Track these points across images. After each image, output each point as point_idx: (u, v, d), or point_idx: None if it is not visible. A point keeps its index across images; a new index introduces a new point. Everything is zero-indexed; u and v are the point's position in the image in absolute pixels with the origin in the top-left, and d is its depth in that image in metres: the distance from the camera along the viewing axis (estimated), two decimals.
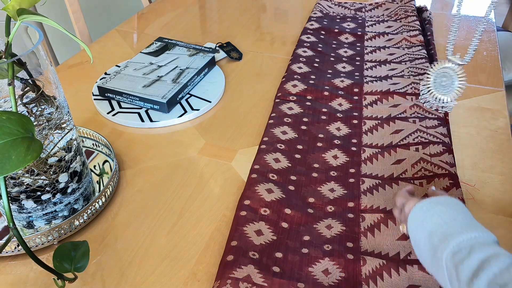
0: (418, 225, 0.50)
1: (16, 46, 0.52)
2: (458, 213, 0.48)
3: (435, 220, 0.48)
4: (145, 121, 0.83)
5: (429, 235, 0.48)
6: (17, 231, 0.47)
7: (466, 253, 0.43)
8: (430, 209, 0.50)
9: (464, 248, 0.44)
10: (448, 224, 0.47)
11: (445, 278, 0.45)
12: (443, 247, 0.45)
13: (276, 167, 0.71)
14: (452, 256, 0.44)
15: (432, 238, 0.47)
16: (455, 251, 0.44)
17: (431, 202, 0.50)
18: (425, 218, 0.49)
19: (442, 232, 0.46)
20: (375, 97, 0.88)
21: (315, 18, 1.18)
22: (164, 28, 1.20)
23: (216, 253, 0.59)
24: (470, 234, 0.45)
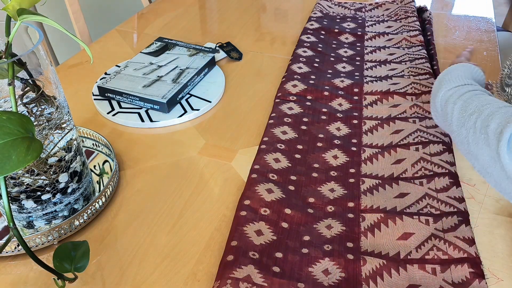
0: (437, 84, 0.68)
1: (16, 46, 0.52)
2: (458, 71, 0.67)
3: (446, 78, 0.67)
4: (145, 121, 0.83)
5: (440, 82, 0.67)
6: (17, 231, 0.47)
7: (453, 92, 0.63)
8: (447, 73, 0.68)
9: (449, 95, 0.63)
10: (446, 81, 0.66)
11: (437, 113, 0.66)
12: (438, 95, 0.65)
13: (276, 167, 0.71)
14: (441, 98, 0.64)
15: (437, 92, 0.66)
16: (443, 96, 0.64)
17: (451, 68, 0.69)
18: (441, 80, 0.68)
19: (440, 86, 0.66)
20: (375, 97, 0.88)
21: (315, 18, 1.18)
22: (164, 28, 1.20)
23: (216, 253, 0.59)
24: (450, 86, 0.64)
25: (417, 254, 0.57)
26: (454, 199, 0.64)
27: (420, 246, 0.58)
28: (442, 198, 0.64)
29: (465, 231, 0.58)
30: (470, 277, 0.53)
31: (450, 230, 0.59)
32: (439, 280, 0.54)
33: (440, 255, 0.56)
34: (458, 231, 0.59)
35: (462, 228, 0.59)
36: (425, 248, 0.58)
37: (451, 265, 0.55)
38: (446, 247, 0.57)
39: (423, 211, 0.63)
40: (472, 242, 0.57)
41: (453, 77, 0.66)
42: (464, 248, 0.56)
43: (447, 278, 0.54)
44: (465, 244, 0.57)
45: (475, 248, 0.56)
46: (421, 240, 0.59)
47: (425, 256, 0.56)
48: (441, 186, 0.66)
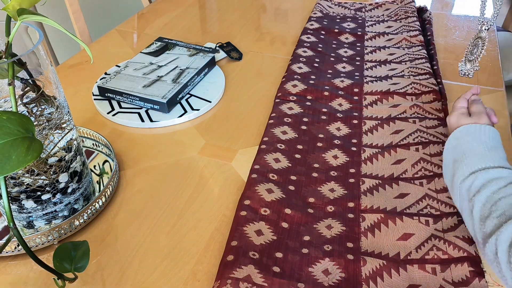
0: (449, 150, 0.62)
1: (16, 46, 0.52)
2: (480, 143, 0.59)
3: (460, 149, 0.60)
4: (145, 121, 0.83)
5: (453, 161, 0.59)
6: (17, 231, 0.47)
7: (473, 179, 0.55)
8: (461, 137, 0.61)
9: (472, 175, 0.55)
10: (467, 155, 0.58)
11: (456, 198, 0.57)
12: (459, 174, 0.57)
13: (276, 167, 0.71)
14: (462, 182, 0.56)
15: (454, 164, 0.59)
16: (465, 178, 0.56)
17: (462, 131, 0.62)
18: (455, 146, 0.61)
19: (461, 161, 0.58)
20: (375, 97, 0.88)
21: (315, 18, 1.18)
22: (164, 28, 1.20)
23: (216, 253, 0.59)
24: (480, 166, 0.56)
25: (417, 255, 0.57)
26: None
27: (420, 247, 0.58)
28: (442, 198, 0.64)
29: (465, 231, 0.59)
30: (470, 276, 0.53)
31: (449, 230, 0.59)
32: (439, 279, 0.54)
33: (440, 255, 0.56)
34: (458, 231, 0.59)
35: (462, 227, 0.59)
36: (425, 248, 0.58)
37: (451, 264, 0.55)
38: (446, 246, 0.57)
39: (423, 211, 0.63)
40: (471, 241, 0.57)
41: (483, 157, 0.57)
42: (464, 247, 0.56)
43: (447, 277, 0.54)
44: (464, 244, 0.57)
45: (474, 247, 0.56)
46: (421, 240, 0.59)
47: (425, 256, 0.56)
48: (441, 187, 0.66)
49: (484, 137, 0.60)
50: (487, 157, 0.57)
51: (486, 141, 0.59)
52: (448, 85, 0.91)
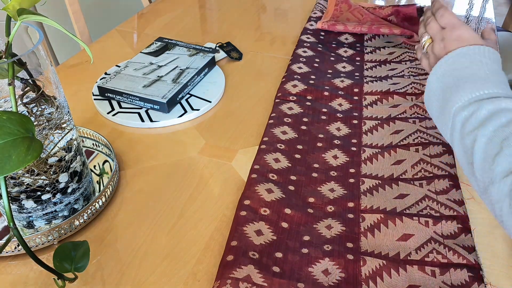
0: (437, 78, 0.51)
1: (16, 46, 0.52)
2: (481, 66, 0.48)
3: (453, 74, 0.49)
4: (145, 121, 0.83)
5: (443, 89, 0.49)
6: (17, 231, 0.47)
7: (475, 108, 0.45)
8: (453, 62, 0.50)
9: (474, 103, 0.45)
10: (465, 79, 0.47)
11: (446, 130, 0.48)
12: (453, 101, 0.47)
13: (276, 167, 0.71)
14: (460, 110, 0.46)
15: (445, 91, 0.48)
16: (464, 106, 0.46)
17: (458, 55, 0.50)
18: (446, 72, 0.50)
19: (457, 87, 0.47)
20: (375, 97, 0.88)
21: (315, 18, 1.19)
22: (164, 28, 1.20)
23: (216, 253, 0.59)
24: (483, 91, 0.46)
25: (416, 256, 0.57)
26: (453, 201, 0.64)
27: (420, 248, 0.58)
28: (441, 200, 0.64)
29: (465, 241, 0.58)
30: (469, 280, 0.53)
31: (450, 237, 0.59)
32: (438, 282, 0.54)
33: (439, 258, 0.56)
34: (459, 240, 0.58)
35: (462, 237, 0.59)
36: (425, 250, 0.58)
37: (450, 268, 0.55)
38: (446, 251, 0.57)
39: (422, 212, 0.63)
40: (472, 249, 0.57)
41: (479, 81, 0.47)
42: (464, 254, 0.56)
43: (446, 280, 0.54)
44: (465, 251, 0.57)
45: (475, 256, 0.56)
46: (421, 241, 0.59)
47: (425, 258, 0.56)
48: (441, 188, 0.66)
49: (485, 59, 0.50)
50: (492, 82, 0.47)
51: (488, 63, 0.49)
52: None
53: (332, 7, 1.23)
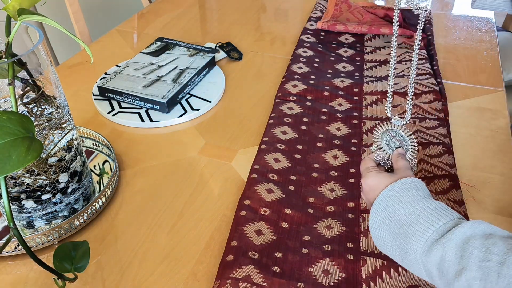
0: (380, 224, 0.49)
1: (16, 46, 0.52)
2: (410, 202, 0.47)
3: (395, 217, 0.47)
4: (145, 121, 0.83)
5: (392, 235, 0.47)
6: (17, 231, 0.47)
7: (440, 251, 0.42)
8: (386, 207, 0.48)
9: (435, 245, 0.43)
10: (411, 220, 0.45)
11: (422, 273, 0.45)
12: (412, 248, 0.45)
13: (276, 167, 0.71)
14: (424, 255, 0.43)
15: (396, 238, 0.47)
16: (426, 250, 0.43)
17: (385, 199, 0.49)
18: (388, 216, 0.48)
19: (405, 232, 0.45)
20: (375, 97, 0.88)
21: (315, 18, 1.19)
22: (164, 28, 1.20)
23: (216, 253, 0.59)
24: (432, 229, 0.44)
25: None
26: (454, 202, 0.64)
27: None
28: (441, 200, 0.64)
29: None
30: None
31: None
32: None
33: None
34: None
35: None
36: None
37: None
38: None
39: None
40: None
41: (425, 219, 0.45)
42: None
43: None
44: None
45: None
46: None
47: None
48: (441, 189, 0.66)
49: (423, 193, 0.49)
50: (431, 214, 0.45)
51: (414, 195, 0.48)
52: (448, 85, 0.91)
53: (332, 7, 1.23)
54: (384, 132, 0.58)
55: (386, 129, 0.58)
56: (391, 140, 0.57)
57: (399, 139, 0.57)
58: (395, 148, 0.56)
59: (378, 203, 0.49)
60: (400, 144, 0.57)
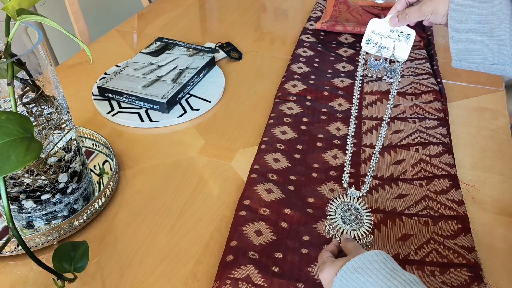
0: None
1: (16, 46, 0.52)
2: (381, 276, 0.41)
3: None
4: (145, 121, 0.83)
5: None
6: (16, 231, 0.47)
7: None
8: (348, 280, 0.42)
9: None
10: None
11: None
12: None
13: (276, 167, 0.71)
14: None
15: None
16: None
17: (346, 273, 0.43)
18: None
19: None
20: (375, 97, 0.88)
21: (315, 18, 1.18)
22: (164, 28, 1.20)
23: (216, 253, 0.59)
24: None
25: (416, 256, 0.57)
26: (453, 201, 0.64)
27: (420, 248, 0.58)
28: (441, 200, 0.64)
29: (465, 240, 0.58)
30: (469, 281, 0.53)
31: (449, 237, 0.59)
32: (438, 282, 0.54)
33: (439, 259, 0.56)
34: (458, 240, 0.58)
35: (462, 237, 0.59)
36: (425, 250, 0.57)
37: (450, 268, 0.55)
38: (446, 251, 0.57)
39: (422, 212, 0.63)
40: (472, 249, 0.57)
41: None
42: (464, 255, 0.56)
43: (446, 280, 0.54)
44: (464, 252, 0.57)
45: (474, 255, 0.56)
46: (420, 242, 0.59)
47: (425, 258, 0.56)
48: (441, 189, 0.66)
49: (391, 265, 0.43)
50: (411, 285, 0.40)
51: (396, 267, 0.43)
52: (448, 85, 0.91)
53: (330, 7, 1.23)
54: (338, 205, 0.55)
55: (341, 202, 0.55)
56: (345, 214, 0.54)
57: (354, 212, 0.54)
58: (349, 222, 0.53)
59: (340, 275, 0.43)
60: (355, 218, 0.54)
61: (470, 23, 0.49)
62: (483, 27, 0.48)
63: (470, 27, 0.49)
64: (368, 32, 0.58)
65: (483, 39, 0.49)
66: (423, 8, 0.56)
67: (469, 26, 0.49)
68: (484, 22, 0.49)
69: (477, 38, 0.49)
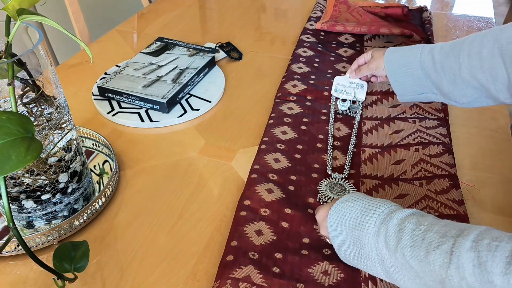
0: (336, 227, 0.53)
1: (16, 46, 0.52)
2: (364, 200, 0.52)
3: (348, 216, 0.52)
4: (145, 121, 0.83)
5: (350, 231, 0.51)
6: (17, 231, 0.47)
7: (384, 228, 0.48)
8: (340, 209, 0.53)
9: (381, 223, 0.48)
10: (361, 213, 0.51)
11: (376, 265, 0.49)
12: (367, 233, 0.49)
13: (276, 167, 0.71)
14: (376, 235, 0.48)
15: (352, 231, 0.51)
16: (376, 231, 0.48)
17: (339, 203, 0.54)
18: (340, 218, 0.53)
19: (358, 223, 0.51)
20: (375, 97, 0.88)
21: (315, 18, 1.18)
22: (164, 28, 1.20)
23: (216, 253, 0.59)
24: (380, 210, 0.50)
25: None
26: (453, 201, 0.64)
27: None
28: (441, 200, 0.64)
29: None
30: None
31: None
32: None
33: None
34: None
35: None
36: None
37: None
38: None
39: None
40: None
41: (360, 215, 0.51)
42: None
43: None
44: None
45: None
46: None
47: None
48: (441, 188, 0.66)
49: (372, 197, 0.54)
50: (384, 202, 0.51)
51: (359, 197, 0.54)
52: None
53: (331, 7, 1.23)
54: (326, 184, 0.68)
55: (328, 182, 0.68)
56: (333, 188, 0.67)
57: (340, 186, 0.67)
58: (337, 193, 0.66)
59: (333, 208, 0.53)
60: (342, 190, 0.66)
61: (398, 70, 0.71)
62: (406, 72, 0.70)
63: (399, 73, 0.71)
64: (335, 84, 0.83)
65: (408, 79, 0.70)
66: (370, 65, 0.77)
67: (397, 73, 0.71)
68: (406, 68, 0.70)
69: (405, 79, 0.71)
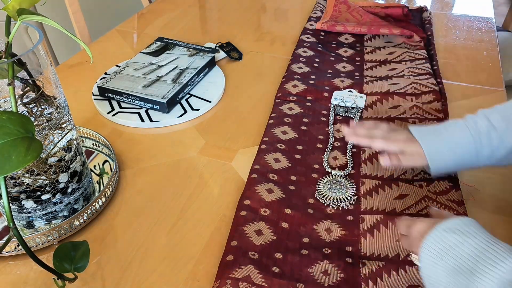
0: (434, 261, 0.43)
1: (16, 46, 0.52)
2: (480, 238, 0.42)
3: (453, 254, 0.41)
4: (145, 121, 0.83)
5: (453, 272, 0.41)
6: (17, 231, 0.47)
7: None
8: (443, 239, 0.43)
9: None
10: (475, 257, 0.40)
11: None
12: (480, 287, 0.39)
13: (276, 167, 0.71)
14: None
15: (457, 275, 0.40)
16: None
17: (442, 232, 0.44)
18: (442, 251, 0.42)
19: (468, 269, 0.40)
20: (375, 98, 0.88)
21: (315, 18, 1.18)
22: (164, 28, 1.20)
23: (216, 253, 0.59)
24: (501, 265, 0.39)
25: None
26: (453, 202, 0.64)
27: None
28: (441, 201, 0.64)
29: None
30: None
31: None
32: None
33: None
34: None
35: None
36: None
37: None
38: None
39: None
40: None
41: None
42: None
43: None
44: None
45: None
46: None
47: None
48: (441, 189, 0.66)
49: (488, 234, 0.43)
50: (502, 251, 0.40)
51: (492, 236, 0.43)
52: (448, 85, 0.91)
53: (331, 7, 1.23)
54: (325, 182, 0.68)
55: (327, 180, 0.68)
56: (331, 187, 0.67)
57: (339, 184, 0.67)
58: (337, 191, 0.66)
59: (434, 234, 0.44)
60: (341, 187, 0.66)
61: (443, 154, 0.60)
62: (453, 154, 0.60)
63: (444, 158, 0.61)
64: (335, 96, 0.87)
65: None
66: (404, 163, 0.62)
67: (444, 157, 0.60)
68: (454, 149, 0.60)
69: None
